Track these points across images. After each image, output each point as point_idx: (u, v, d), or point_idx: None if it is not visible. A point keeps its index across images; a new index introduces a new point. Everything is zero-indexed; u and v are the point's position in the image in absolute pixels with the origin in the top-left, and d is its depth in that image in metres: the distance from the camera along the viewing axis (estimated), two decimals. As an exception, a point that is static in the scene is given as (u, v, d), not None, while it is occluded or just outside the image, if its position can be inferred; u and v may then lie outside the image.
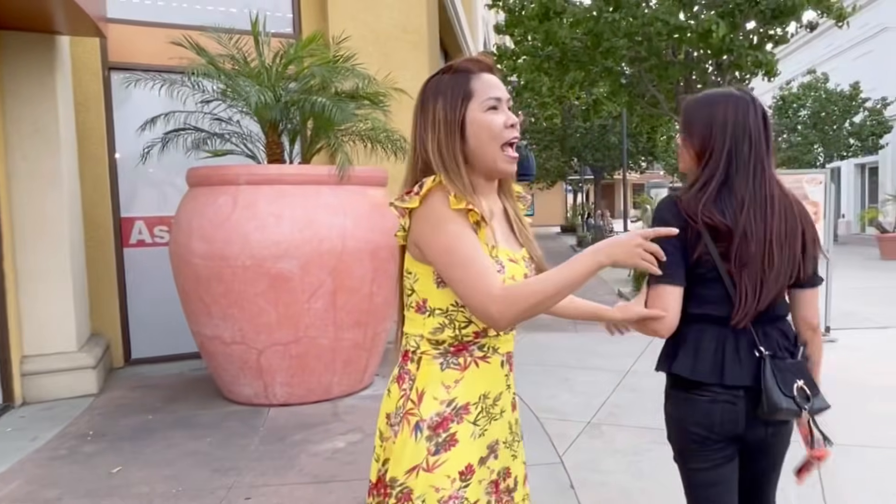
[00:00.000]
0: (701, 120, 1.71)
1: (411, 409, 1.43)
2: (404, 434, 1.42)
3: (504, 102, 1.45)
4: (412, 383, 1.45)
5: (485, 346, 1.47)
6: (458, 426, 1.43)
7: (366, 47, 6.08)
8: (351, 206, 4.63)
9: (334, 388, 4.76)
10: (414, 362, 1.46)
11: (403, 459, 1.41)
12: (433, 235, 1.37)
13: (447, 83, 1.44)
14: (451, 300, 1.41)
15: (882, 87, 21.20)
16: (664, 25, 7.61)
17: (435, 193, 1.37)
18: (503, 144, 1.43)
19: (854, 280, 11.51)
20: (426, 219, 1.37)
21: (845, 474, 3.55)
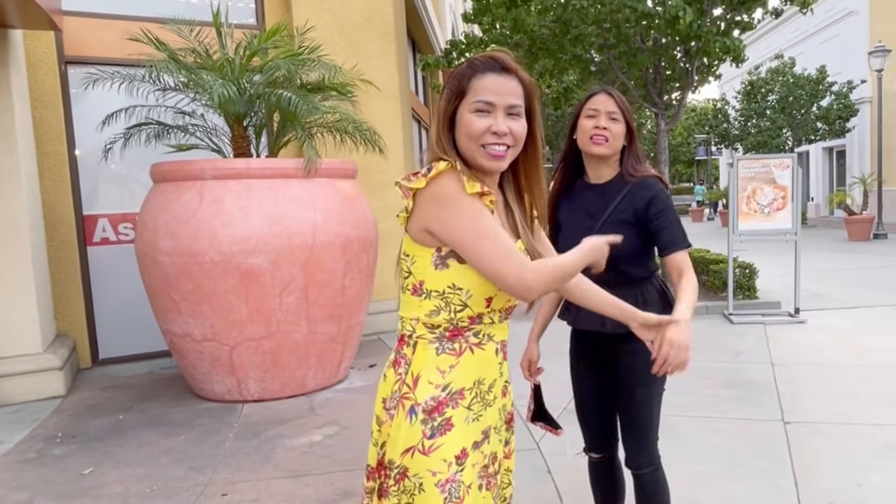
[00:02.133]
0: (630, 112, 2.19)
1: (406, 392, 1.47)
2: (399, 417, 1.46)
3: (499, 108, 1.43)
4: (408, 367, 1.49)
5: (480, 333, 1.51)
6: (454, 411, 1.47)
7: (331, 38, 6.11)
8: (321, 200, 4.68)
9: (309, 383, 4.82)
10: (410, 346, 1.50)
11: (399, 441, 1.46)
12: (453, 215, 1.38)
13: (456, 75, 1.48)
14: (447, 282, 1.45)
15: (848, 70, 21.69)
16: (632, 12, 7.72)
17: (448, 175, 1.39)
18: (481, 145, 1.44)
19: (822, 262, 11.86)
20: (441, 200, 1.39)
21: (815, 451, 3.72)
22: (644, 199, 2.13)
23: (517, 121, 1.46)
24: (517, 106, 1.46)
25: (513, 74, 1.46)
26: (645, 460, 2.28)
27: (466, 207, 1.38)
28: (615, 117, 2.13)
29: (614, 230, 1.99)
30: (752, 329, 6.77)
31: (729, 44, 8.01)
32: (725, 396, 4.68)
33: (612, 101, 2.14)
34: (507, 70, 1.46)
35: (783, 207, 7.35)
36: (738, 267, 7.85)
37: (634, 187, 2.16)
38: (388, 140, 6.30)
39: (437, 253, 1.44)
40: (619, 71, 8.93)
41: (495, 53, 1.47)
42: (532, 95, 1.50)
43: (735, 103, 23.32)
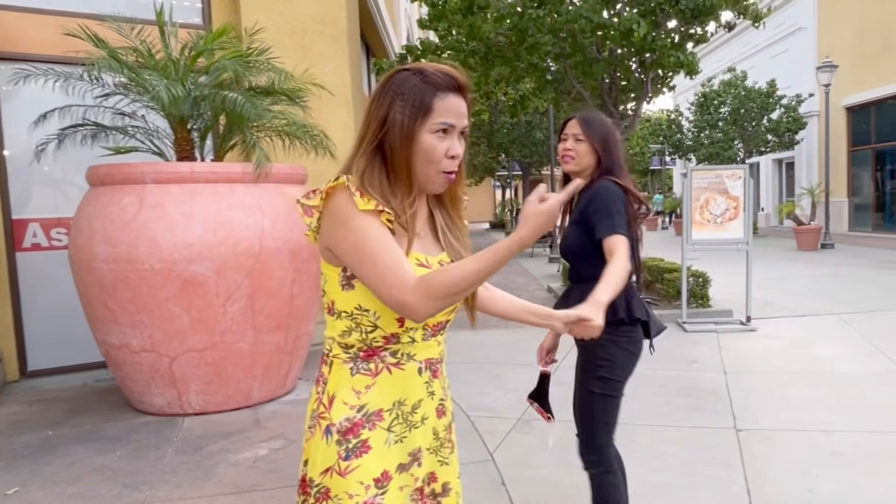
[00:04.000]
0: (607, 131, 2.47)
1: (323, 412, 1.44)
2: (317, 436, 1.44)
3: (456, 130, 1.42)
4: (324, 386, 1.46)
5: (398, 353, 1.46)
6: (371, 432, 1.43)
7: (282, 40, 6.03)
8: (268, 205, 4.59)
9: (255, 394, 4.70)
10: (327, 365, 1.47)
11: (318, 460, 1.43)
12: (341, 234, 1.35)
13: (412, 87, 1.40)
14: (355, 303, 1.41)
15: (797, 84, 22.46)
16: (588, 23, 7.84)
17: (338, 192, 1.35)
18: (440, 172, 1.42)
19: (773, 271, 12.20)
20: (333, 218, 1.35)
21: (767, 457, 3.78)
22: (586, 198, 2.41)
23: (462, 143, 1.45)
24: (467, 126, 1.46)
25: (465, 94, 1.45)
26: (589, 459, 2.44)
27: (351, 225, 1.33)
28: (580, 138, 2.44)
29: (570, 232, 2.46)
30: (705, 337, 6.90)
31: (682, 57, 8.20)
32: (680, 405, 4.74)
33: (576, 125, 2.46)
34: (462, 90, 1.44)
35: (735, 217, 7.53)
36: (692, 276, 8.00)
37: (585, 191, 2.44)
38: (341, 145, 6.22)
39: (343, 273, 1.41)
40: (574, 80, 9.06)
41: (449, 69, 1.44)
42: (470, 114, 1.50)
43: (688, 114, 23.91)
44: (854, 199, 21.52)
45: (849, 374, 5.37)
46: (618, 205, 2.34)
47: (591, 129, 2.44)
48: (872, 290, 9.72)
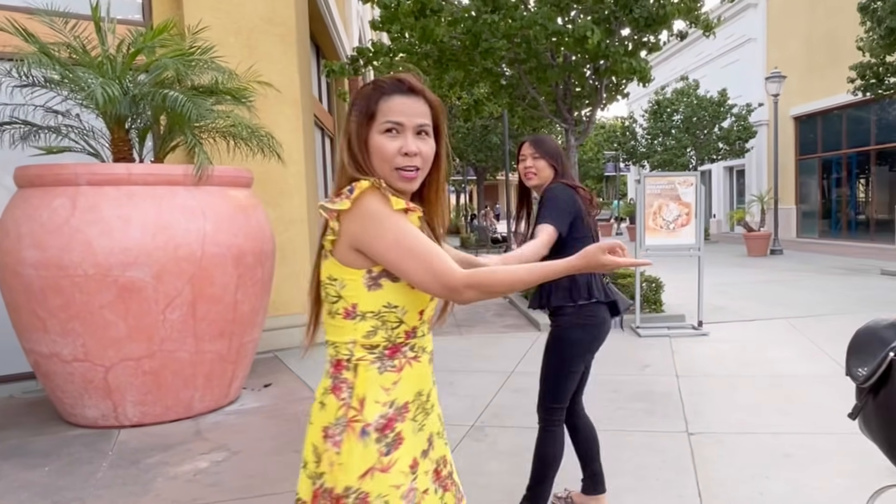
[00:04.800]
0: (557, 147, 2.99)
1: (354, 416, 1.48)
2: (350, 441, 1.47)
3: (408, 128, 1.49)
4: (351, 391, 1.50)
5: (415, 347, 1.57)
6: (402, 424, 1.52)
7: (227, 39, 5.91)
8: (211, 209, 4.46)
9: (196, 405, 4.55)
10: (350, 370, 1.51)
11: (352, 466, 1.46)
12: (379, 232, 1.43)
13: (364, 97, 1.53)
14: (383, 301, 1.49)
15: (747, 94, 23.10)
16: (542, 30, 7.87)
17: (372, 193, 1.44)
18: (395, 168, 1.50)
19: (724, 276, 12.43)
20: (367, 218, 1.43)
21: (718, 460, 3.81)
22: (540, 200, 2.88)
23: (426, 141, 1.52)
24: (425, 125, 1.52)
25: (419, 95, 1.53)
26: (540, 416, 2.94)
27: (391, 224, 1.43)
28: (536, 156, 2.92)
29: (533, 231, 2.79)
30: (658, 342, 6.97)
31: (635, 65, 8.30)
32: (633, 409, 4.75)
33: (530, 147, 2.93)
34: (413, 91, 1.52)
35: (687, 223, 7.64)
36: (645, 281, 8.09)
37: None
38: (289, 147, 6.13)
39: (369, 274, 1.48)
40: (529, 86, 9.09)
41: (401, 75, 1.53)
42: (439, 115, 1.56)
43: (642, 122, 24.33)
44: (802, 206, 22.19)
45: (797, 377, 5.47)
46: (562, 202, 2.80)
47: (545, 147, 2.94)
48: (819, 295, 9.98)
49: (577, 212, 2.82)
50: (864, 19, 12.24)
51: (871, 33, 12.15)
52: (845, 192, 20.55)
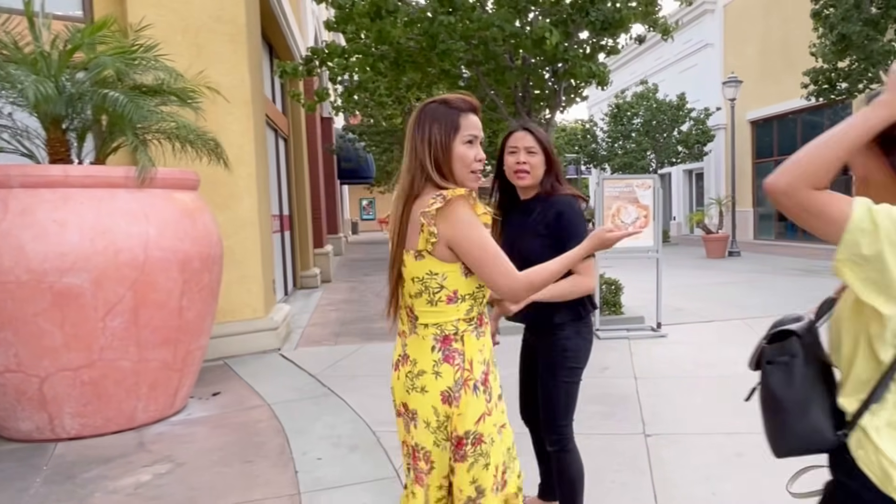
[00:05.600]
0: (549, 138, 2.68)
1: (467, 376, 1.93)
2: (467, 396, 1.92)
3: (478, 140, 1.95)
4: (462, 357, 1.94)
5: (484, 314, 2.05)
6: (491, 376, 2.02)
7: (174, 37, 5.77)
8: (154, 212, 4.33)
9: (139, 415, 4.41)
10: (458, 341, 1.94)
11: (469, 415, 1.91)
12: (469, 233, 1.85)
13: (443, 113, 1.93)
14: (475, 285, 1.93)
15: (705, 98, 23.49)
16: (500, 31, 7.87)
17: (462, 200, 1.85)
18: (471, 171, 1.94)
19: (683, 278, 12.59)
20: (461, 221, 1.84)
21: (673, 462, 3.82)
22: (552, 213, 2.59)
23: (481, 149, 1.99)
24: (482, 137, 1.98)
25: (478, 113, 1.99)
26: (555, 439, 2.74)
27: (478, 227, 1.86)
28: (533, 151, 2.59)
29: (530, 240, 2.60)
30: (617, 344, 7.00)
31: (594, 68, 8.35)
32: (591, 412, 4.74)
33: (529, 137, 2.60)
34: (476, 111, 1.98)
35: (645, 226, 7.70)
36: (605, 283, 8.13)
37: (548, 204, 2.61)
38: (239, 149, 6.02)
39: (463, 266, 1.90)
40: (487, 88, 9.08)
41: (469, 98, 1.98)
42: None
43: (603, 125, 24.59)
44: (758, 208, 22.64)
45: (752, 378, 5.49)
46: (584, 223, 2.60)
47: (541, 138, 2.63)
48: (775, 296, 10.17)
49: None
50: (817, 25, 12.55)
51: (823, 39, 12.47)
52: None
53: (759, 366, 1.58)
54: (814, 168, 1.28)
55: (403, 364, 2.00)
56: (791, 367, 1.45)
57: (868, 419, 1.34)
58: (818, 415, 1.40)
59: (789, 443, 1.46)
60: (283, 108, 10.58)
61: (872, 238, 1.22)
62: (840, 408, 1.40)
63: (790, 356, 1.46)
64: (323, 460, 3.91)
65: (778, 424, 1.48)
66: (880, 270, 1.23)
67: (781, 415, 1.45)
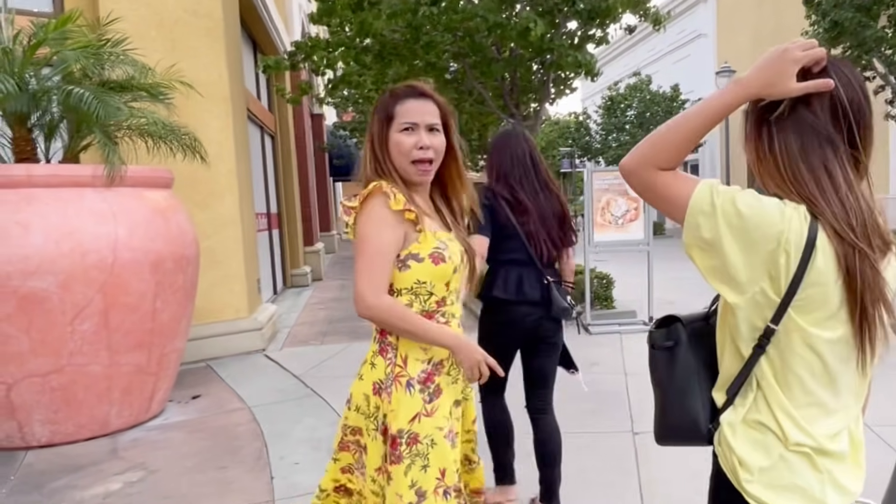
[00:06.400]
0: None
1: (399, 372, 1.84)
2: (399, 393, 1.82)
3: (421, 126, 1.83)
4: (395, 352, 1.86)
5: (445, 314, 1.91)
6: (440, 378, 1.89)
7: (149, 32, 5.64)
8: (124, 212, 4.21)
9: (113, 421, 4.29)
10: (393, 335, 1.87)
11: (402, 412, 1.81)
12: (361, 225, 1.80)
13: (382, 104, 1.88)
14: (412, 280, 1.83)
15: (698, 89, 23.37)
16: (484, 22, 7.74)
17: (375, 196, 1.78)
18: (412, 161, 1.84)
19: (676, 270, 12.35)
20: (363, 215, 1.80)
21: (660, 460, 3.72)
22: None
23: (437, 136, 1.87)
24: (435, 124, 1.86)
25: (429, 98, 1.88)
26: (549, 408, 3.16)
27: (369, 224, 1.79)
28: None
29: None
30: (608, 339, 6.88)
31: (581, 58, 8.21)
32: (581, 409, 4.63)
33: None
34: (423, 95, 1.87)
35: (636, 219, 7.58)
36: (596, 277, 8.01)
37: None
38: (218, 146, 5.89)
39: (397, 259, 1.82)
40: (474, 80, 8.95)
41: (412, 82, 1.91)
42: (447, 114, 1.91)
43: (596, 117, 24.47)
44: (755, 199, 22.56)
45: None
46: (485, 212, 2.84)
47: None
48: (770, 287, 10.06)
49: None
50: (810, 13, 12.42)
51: (816, 27, 12.34)
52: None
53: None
54: (661, 147, 1.27)
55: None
56: (674, 354, 1.41)
57: (729, 414, 1.29)
58: (696, 405, 1.35)
59: (668, 430, 1.44)
60: (269, 105, 10.44)
61: (712, 221, 1.17)
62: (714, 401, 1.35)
63: (673, 342, 1.42)
64: (301, 465, 3.79)
65: (660, 411, 1.45)
66: (720, 256, 1.17)
67: (663, 401, 1.43)
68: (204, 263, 5.19)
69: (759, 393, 1.26)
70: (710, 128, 1.26)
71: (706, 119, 1.25)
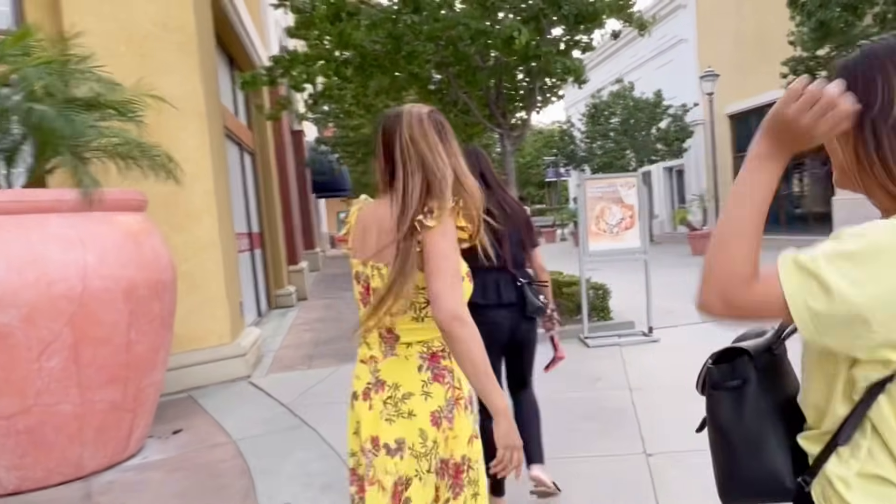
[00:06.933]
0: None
1: (458, 394, 1.85)
2: (460, 416, 1.83)
3: None
4: (452, 374, 1.86)
5: None
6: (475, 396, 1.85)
7: (117, 47, 5.40)
8: (93, 238, 3.94)
9: (87, 463, 4.01)
10: (447, 358, 1.86)
11: (463, 436, 1.83)
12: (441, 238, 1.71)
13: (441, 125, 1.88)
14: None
15: (681, 94, 23.37)
16: (466, 30, 7.57)
17: (451, 216, 1.76)
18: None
19: (670, 277, 12.28)
20: (441, 232, 1.72)
21: (679, 485, 3.53)
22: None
23: None
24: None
25: None
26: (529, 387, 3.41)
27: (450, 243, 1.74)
28: None
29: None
30: (608, 352, 6.68)
31: (570, 64, 8.07)
32: (586, 430, 4.41)
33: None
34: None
35: (631, 226, 7.39)
36: (592, 288, 7.81)
37: None
38: (194, 165, 5.64)
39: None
40: (459, 90, 8.77)
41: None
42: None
43: (580, 126, 24.39)
44: (742, 202, 22.52)
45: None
46: None
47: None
48: (767, 291, 9.91)
49: None
50: (794, 13, 12.37)
51: (801, 27, 12.28)
52: (782, 187, 20.94)
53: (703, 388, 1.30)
54: (732, 265, 0.99)
55: (377, 391, 1.84)
56: (741, 395, 1.19)
57: (835, 466, 1.04)
58: (774, 455, 1.12)
59: (740, 488, 1.19)
60: (248, 122, 10.19)
61: (827, 296, 0.91)
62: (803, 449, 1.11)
63: (741, 381, 1.19)
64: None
65: (725, 464, 1.21)
66: (866, 318, 0.90)
67: (729, 452, 1.19)
68: (183, 288, 4.93)
69: (876, 440, 1.00)
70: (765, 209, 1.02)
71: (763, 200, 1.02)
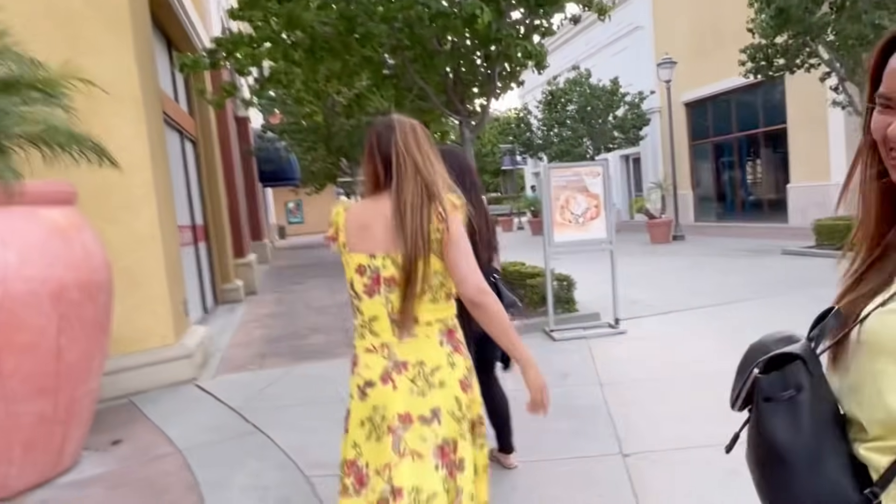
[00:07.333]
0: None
1: (470, 364, 2.17)
2: (474, 380, 2.19)
3: None
4: (464, 346, 2.16)
5: None
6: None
7: (40, 25, 5.01)
8: (13, 235, 3.60)
9: (12, 483, 3.67)
10: (458, 332, 2.15)
11: (477, 398, 2.19)
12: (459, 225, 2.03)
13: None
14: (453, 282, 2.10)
15: (638, 82, 23.53)
16: (425, 10, 7.33)
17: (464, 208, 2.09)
18: None
19: (633, 266, 12.30)
20: (459, 221, 2.03)
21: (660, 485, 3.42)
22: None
23: None
24: None
25: None
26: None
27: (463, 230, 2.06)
28: None
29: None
30: (575, 345, 6.54)
31: (531, 49, 7.91)
32: (559, 431, 4.23)
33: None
34: None
35: (597, 216, 7.25)
36: (556, 279, 7.67)
37: None
38: (130, 153, 5.28)
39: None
40: (415, 75, 8.53)
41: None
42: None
43: (537, 113, 24.32)
44: (698, 190, 22.87)
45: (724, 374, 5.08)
46: None
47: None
48: (730, 280, 10.01)
49: None
50: (753, 1, 12.43)
51: (761, 14, 12.34)
52: (738, 175, 21.31)
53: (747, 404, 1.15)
54: None
55: (401, 371, 2.04)
56: (798, 406, 1.04)
57: None
58: (836, 468, 1.00)
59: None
60: (189, 108, 9.74)
61: None
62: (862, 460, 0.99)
63: (796, 389, 1.04)
64: (244, 523, 3.27)
65: (781, 483, 1.06)
66: None
67: (786, 470, 1.04)
68: (121, 287, 4.59)
69: None
70: None
71: None
